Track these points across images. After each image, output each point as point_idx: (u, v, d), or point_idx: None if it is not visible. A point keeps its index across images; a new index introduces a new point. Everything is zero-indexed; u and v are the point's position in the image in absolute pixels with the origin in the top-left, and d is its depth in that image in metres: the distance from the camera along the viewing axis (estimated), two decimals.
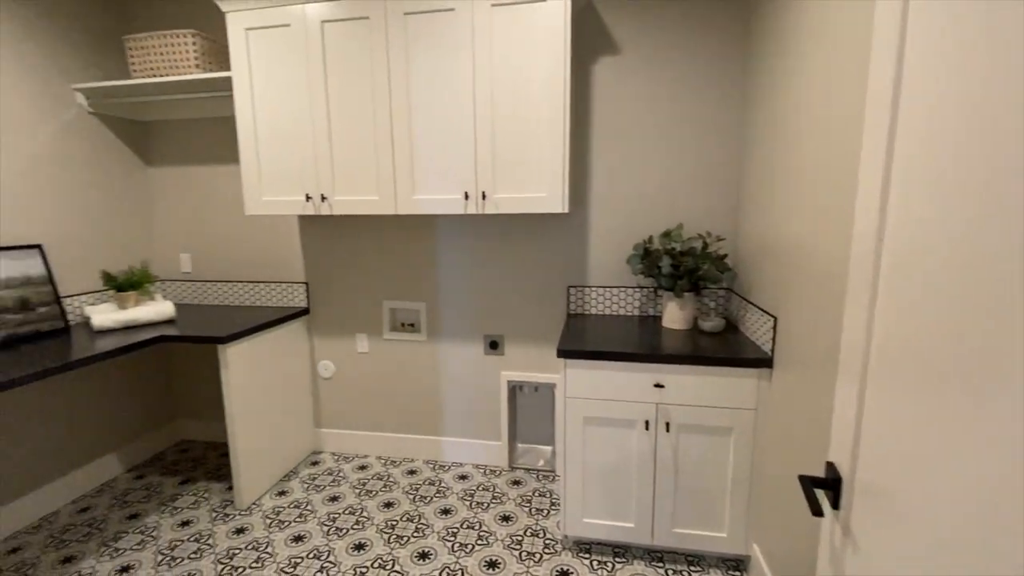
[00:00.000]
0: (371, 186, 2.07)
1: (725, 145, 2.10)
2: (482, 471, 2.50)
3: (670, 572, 1.81)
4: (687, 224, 2.19)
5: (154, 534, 2.05)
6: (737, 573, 1.81)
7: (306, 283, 2.60)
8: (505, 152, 1.93)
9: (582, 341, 1.86)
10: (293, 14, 2.00)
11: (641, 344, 1.81)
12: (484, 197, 1.95)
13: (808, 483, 0.83)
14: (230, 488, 2.37)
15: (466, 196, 1.97)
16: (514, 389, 2.53)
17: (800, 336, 1.44)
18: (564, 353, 1.76)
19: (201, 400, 2.84)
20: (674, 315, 2.01)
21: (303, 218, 2.56)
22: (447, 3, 1.88)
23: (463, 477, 2.45)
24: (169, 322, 2.31)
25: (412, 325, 2.55)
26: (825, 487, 0.82)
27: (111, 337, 2.07)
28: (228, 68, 2.32)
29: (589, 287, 2.31)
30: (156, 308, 2.31)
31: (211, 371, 2.80)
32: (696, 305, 2.15)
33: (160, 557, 1.91)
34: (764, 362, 1.64)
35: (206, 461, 2.64)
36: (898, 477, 0.64)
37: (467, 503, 2.23)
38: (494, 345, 2.46)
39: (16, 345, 1.96)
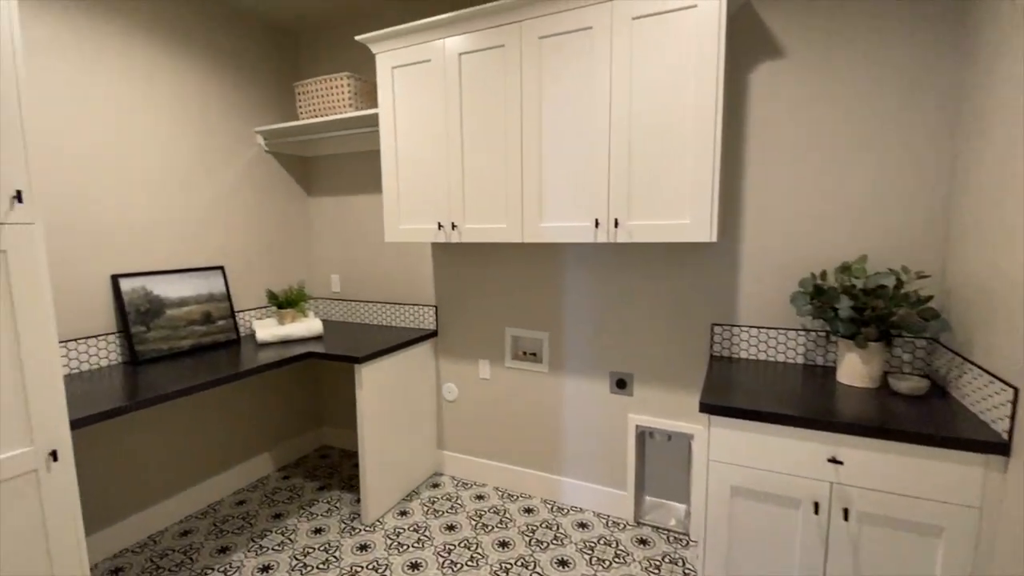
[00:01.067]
0: (499, 214, 2.03)
1: (927, 157, 1.67)
2: (604, 521, 2.28)
3: None
4: (872, 256, 1.77)
5: (292, 537, 2.19)
6: None
7: (435, 306, 2.66)
8: (642, 175, 1.74)
9: (730, 393, 1.58)
10: (434, 49, 2.07)
11: (810, 404, 1.47)
12: (616, 225, 1.79)
13: None
14: (358, 501, 2.48)
15: (596, 224, 1.82)
16: (643, 435, 2.28)
17: None
18: (709, 408, 1.50)
19: (341, 409, 3.06)
20: (854, 369, 1.62)
21: (435, 244, 2.63)
22: (584, 22, 1.77)
23: (583, 525, 2.25)
24: (318, 338, 2.51)
25: (534, 355, 2.46)
26: None
27: (271, 350, 2.30)
28: (376, 105, 2.49)
29: (738, 327, 2.00)
30: (308, 325, 2.52)
31: (350, 383, 3.00)
32: (885, 358, 1.72)
33: (294, 562, 2.03)
34: (997, 447, 1.21)
35: (342, 469, 2.82)
36: None
37: (586, 557, 2.03)
38: (621, 384, 2.25)
39: (199, 352, 2.27)
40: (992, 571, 1.24)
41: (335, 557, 2.06)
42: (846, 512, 1.37)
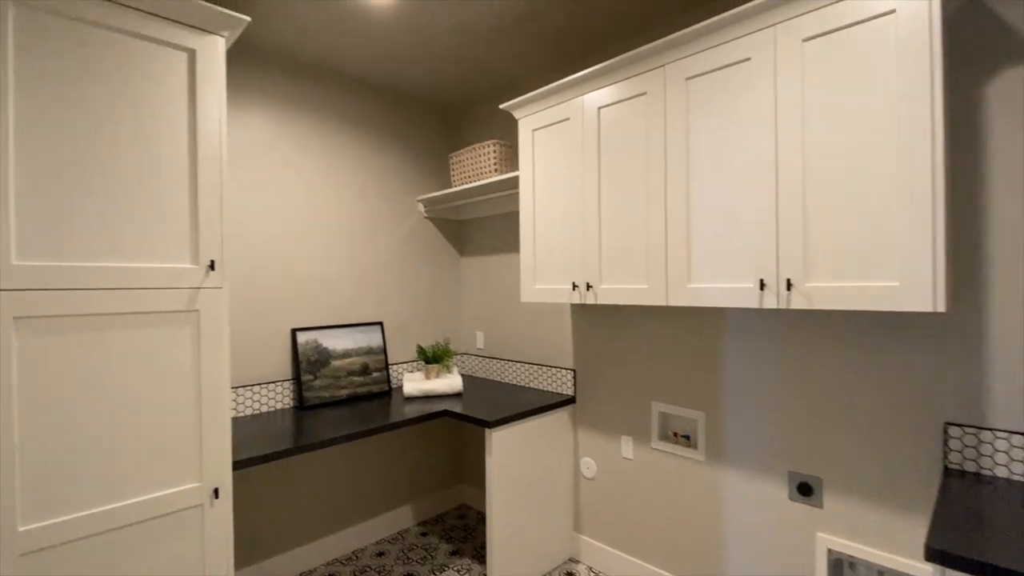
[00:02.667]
0: (640, 274, 1.81)
1: None
2: None
3: None
4: None
5: None
6: None
7: (574, 370, 2.48)
8: (824, 222, 1.38)
9: (979, 533, 1.06)
10: (573, 107, 2.02)
11: None
12: (789, 287, 1.43)
13: None
14: (486, 574, 2.33)
15: (761, 285, 1.48)
16: (840, 564, 1.71)
17: None
18: (940, 557, 1.02)
19: (479, 468, 3.00)
20: None
21: (574, 305, 2.49)
22: (740, 54, 1.53)
23: None
24: (457, 395, 2.53)
25: (687, 437, 2.08)
26: None
27: (415, 403, 2.37)
28: (518, 168, 2.53)
29: (989, 430, 1.40)
30: (449, 382, 2.56)
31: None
32: None
33: None
34: None
35: (476, 534, 2.72)
36: None
37: None
38: (806, 490, 1.74)
39: (354, 402, 2.45)
40: None
41: None
42: None
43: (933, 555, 1.03)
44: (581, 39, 2.25)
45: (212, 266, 1.53)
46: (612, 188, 1.89)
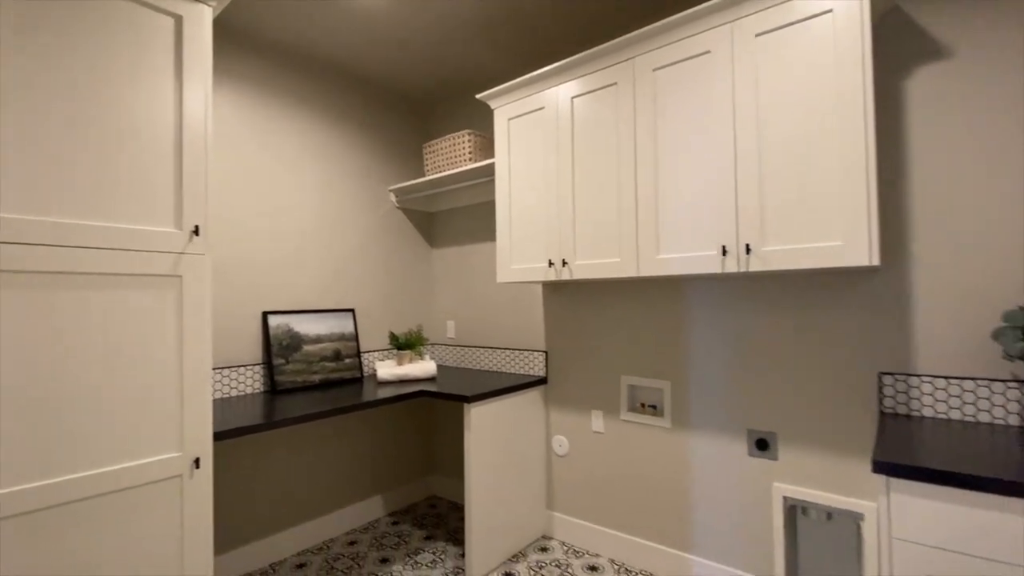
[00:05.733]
0: (612, 248, 1.94)
1: None
2: None
3: None
4: None
5: None
6: None
7: (546, 352, 2.58)
8: (777, 193, 1.56)
9: (916, 453, 1.23)
10: (547, 97, 2.15)
11: None
12: (748, 251, 1.59)
13: None
14: (463, 555, 2.35)
15: (724, 251, 1.65)
16: (793, 510, 1.88)
17: None
18: (887, 467, 1.18)
19: (451, 459, 3.02)
20: None
21: (546, 287, 2.59)
22: (701, 47, 1.72)
23: None
24: (431, 379, 2.55)
25: (654, 407, 2.22)
26: None
27: (388, 388, 2.38)
28: (493, 157, 2.63)
29: (917, 376, 1.61)
30: (423, 367, 2.59)
31: (460, 432, 2.97)
32: None
33: None
34: None
35: (448, 521, 2.73)
36: None
37: None
38: (762, 445, 1.91)
39: (327, 387, 2.42)
40: None
41: None
42: None
43: (879, 467, 1.19)
44: (555, 36, 2.39)
45: (196, 231, 1.52)
46: (585, 170, 2.03)
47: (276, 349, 2.33)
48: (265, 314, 2.35)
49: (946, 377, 1.56)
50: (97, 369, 1.34)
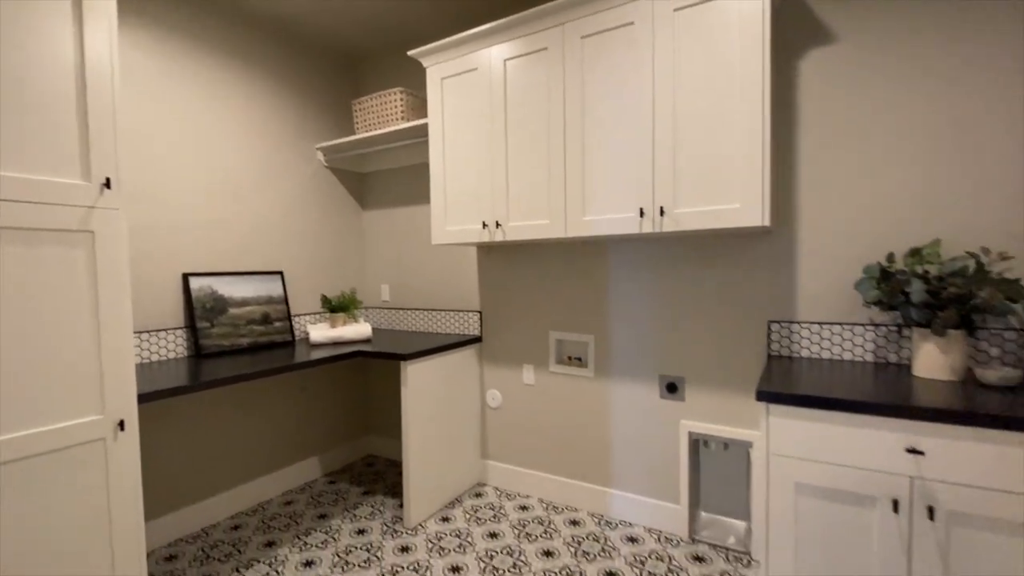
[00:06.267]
0: (542, 210, 2.04)
1: (1007, 140, 1.55)
2: (655, 536, 2.14)
3: None
4: (947, 242, 1.64)
5: (335, 536, 2.19)
6: None
7: (480, 312, 2.68)
8: (688, 160, 1.72)
9: (792, 385, 1.47)
10: (480, 58, 2.16)
11: (883, 393, 1.35)
12: (662, 213, 1.75)
13: None
14: (401, 506, 2.46)
15: (641, 213, 1.80)
16: (697, 443, 2.15)
17: None
18: (768, 396, 1.40)
19: (387, 419, 3.08)
20: (932, 361, 1.48)
21: (480, 249, 2.67)
22: (626, 18, 1.81)
23: (632, 539, 2.12)
24: (366, 341, 2.58)
25: (579, 359, 2.40)
26: None
27: (323, 350, 2.37)
28: (426, 117, 2.61)
29: (798, 323, 1.88)
30: (357, 329, 2.60)
31: (396, 392, 3.03)
32: (969, 350, 1.56)
33: (336, 559, 2.02)
34: None
35: (386, 477, 2.81)
36: None
37: (636, 571, 1.90)
38: (672, 388, 2.15)
39: (257, 351, 2.38)
40: None
41: (377, 557, 2.03)
42: (931, 511, 1.22)
43: (762, 396, 1.41)
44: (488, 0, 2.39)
45: (107, 184, 1.43)
46: (518, 134, 2.09)
47: (199, 312, 2.24)
48: (186, 276, 2.24)
49: (820, 323, 1.84)
50: (7, 329, 1.26)
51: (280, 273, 2.64)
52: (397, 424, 3.05)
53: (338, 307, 2.69)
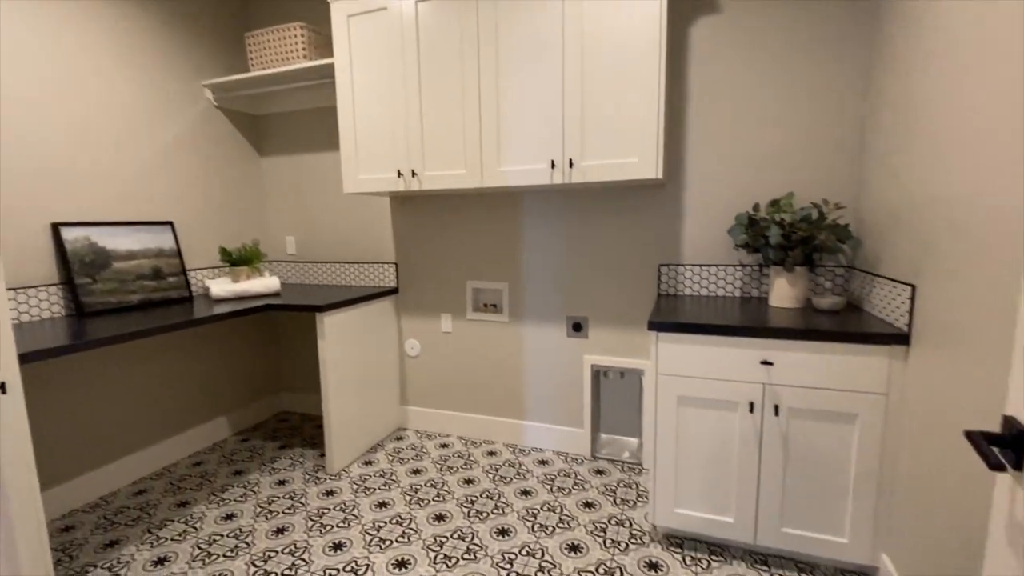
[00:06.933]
0: (458, 160, 2.08)
1: (846, 107, 1.87)
2: (563, 458, 2.41)
3: None
4: (799, 194, 1.96)
5: (255, 489, 2.19)
6: None
7: (396, 263, 2.69)
8: (595, 116, 1.85)
9: (676, 316, 1.72)
10: None
11: (744, 319, 1.63)
12: (571, 165, 1.89)
13: (980, 438, 0.67)
14: (322, 455, 2.49)
15: (552, 165, 1.92)
16: (598, 374, 2.42)
17: (951, 304, 1.20)
18: (656, 325, 1.63)
19: (301, 374, 3.03)
20: (783, 293, 1.81)
21: (394, 200, 2.65)
22: None
23: (543, 462, 2.37)
24: (275, 295, 2.49)
25: (495, 306, 2.54)
26: (1002, 444, 0.66)
27: (226, 305, 2.26)
28: (331, 57, 2.47)
29: (683, 266, 2.15)
30: (264, 282, 2.49)
31: (310, 347, 2.98)
32: (809, 284, 1.92)
33: (258, 510, 2.03)
34: (898, 338, 1.40)
35: (303, 431, 2.81)
36: None
37: (547, 487, 2.15)
38: (577, 327, 2.37)
39: (150, 307, 2.21)
40: (896, 448, 1.44)
41: (301, 503, 2.08)
42: (776, 408, 1.54)
43: (652, 326, 1.64)
44: None
45: None
46: (431, 80, 2.08)
47: (77, 267, 2.02)
48: (56, 226, 1.99)
49: (700, 265, 2.13)
50: None
51: (170, 223, 2.42)
52: (311, 379, 3.01)
53: (240, 260, 2.54)
